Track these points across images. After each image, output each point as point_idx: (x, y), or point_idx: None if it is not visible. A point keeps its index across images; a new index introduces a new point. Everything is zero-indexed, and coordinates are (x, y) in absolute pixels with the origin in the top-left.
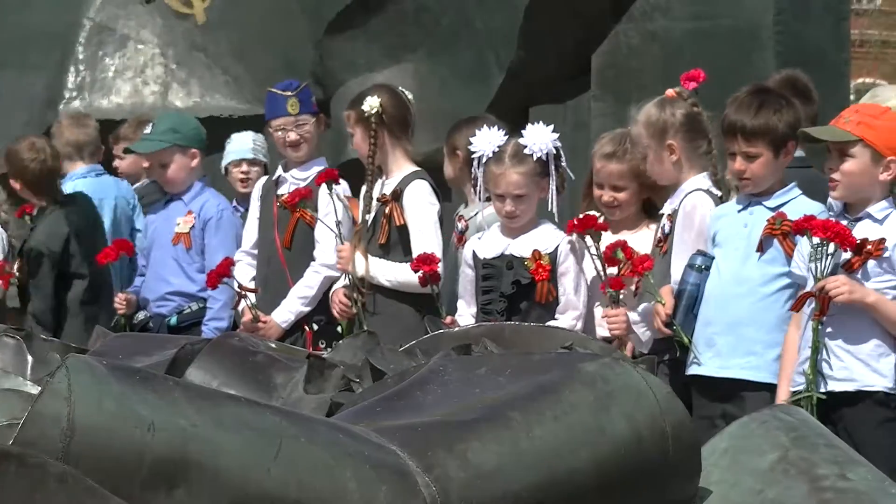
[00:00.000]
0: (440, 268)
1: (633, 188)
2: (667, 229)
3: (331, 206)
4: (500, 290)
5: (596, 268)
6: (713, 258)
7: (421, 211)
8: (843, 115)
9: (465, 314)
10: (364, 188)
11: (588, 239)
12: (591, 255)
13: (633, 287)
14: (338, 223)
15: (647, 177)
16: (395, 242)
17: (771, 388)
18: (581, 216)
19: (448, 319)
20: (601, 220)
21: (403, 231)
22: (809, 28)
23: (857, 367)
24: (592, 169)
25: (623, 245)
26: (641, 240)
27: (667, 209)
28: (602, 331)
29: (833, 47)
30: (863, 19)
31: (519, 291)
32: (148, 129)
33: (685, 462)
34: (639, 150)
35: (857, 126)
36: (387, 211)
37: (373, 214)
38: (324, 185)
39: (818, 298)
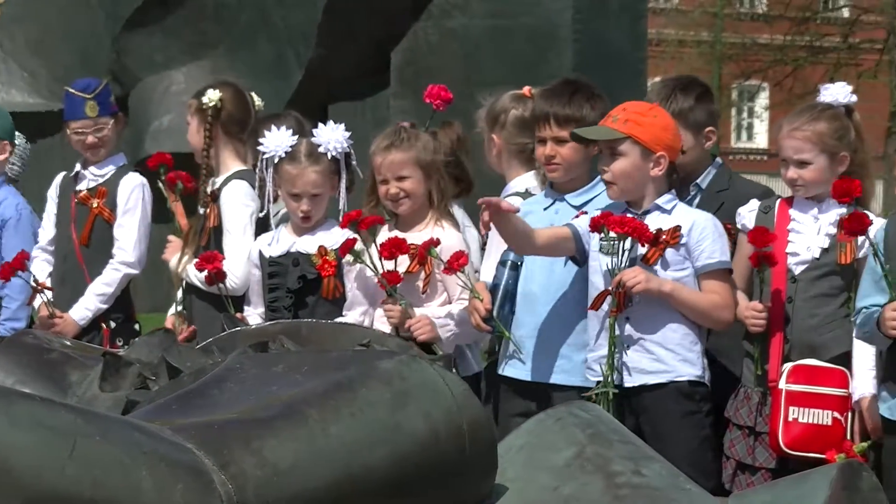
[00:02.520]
0: (224, 265)
1: (419, 176)
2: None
3: (132, 202)
4: (287, 286)
5: (373, 263)
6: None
7: (232, 211)
8: (611, 114)
9: (253, 314)
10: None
11: (360, 244)
12: (367, 251)
13: (419, 283)
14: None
15: (432, 166)
16: (214, 243)
17: (581, 391)
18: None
19: (239, 315)
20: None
21: (219, 231)
22: (607, 27)
23: (669, 358)
24: (373, 169)
25: (434, 243)
26: (436, 235)
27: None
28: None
29: (630, 46)
30: (660, 18)
31: (305, 287)
32: None
33: (481, 459)
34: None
35: (624, 124)
36: (207, 211)
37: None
38: (125, 181)
39: (616, 294)
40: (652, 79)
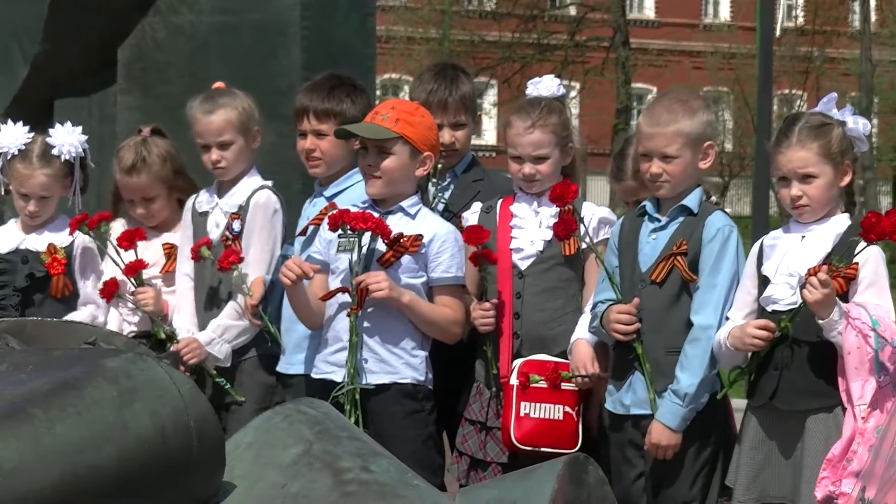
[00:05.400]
0: None
1: (163, 194)
2: (237, 227)
3: None
4: (15, 284)
5: (112, 259)
6: None
7: None
8: (378, 111)
9: None
10: None
11: (87, 237)
12: (110, 245)
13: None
14: None
15: (175, 180)
16: None
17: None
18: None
19: None
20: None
21: None
22: (335, 24)
23: (393, 361)
24: (116, 182)
25: (207, 242)
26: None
27: (229, 207)
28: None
29: (359, 43)
30: (389, 15)
31: (33, 285)
32: None
33: (209, 456)
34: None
35: (396, 123)
36: None
37: None
38: None
39: (356, 291)
40: (381, 76)
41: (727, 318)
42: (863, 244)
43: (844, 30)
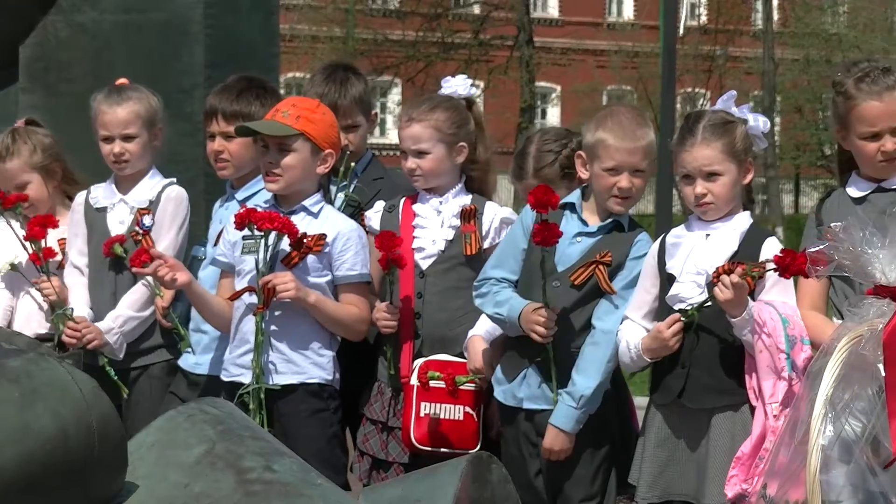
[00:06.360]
0: None
1: (36, 181)
2: (147, 222)
3: None
4: None
5: (21, 243)
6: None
7: None
8: (279, 108)
9: None
10: None
11: None
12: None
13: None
14: None
15: (50, 168)
16: None
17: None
18: None
19: None
20: None
21: None
22: (239, 22)
23: (300, 361)
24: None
25: (121, 239)
26: None
27: (136, 203)
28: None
29: (263, 41)
30: (292, 14)
31: None
32: None
33: (111, 456)
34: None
35: (297, 120)
36: None
37: None
38: None
39: (263, 291)
40: (285, 75)
41: (624, 317)
42: (769, 245)
43: (747, 29)
